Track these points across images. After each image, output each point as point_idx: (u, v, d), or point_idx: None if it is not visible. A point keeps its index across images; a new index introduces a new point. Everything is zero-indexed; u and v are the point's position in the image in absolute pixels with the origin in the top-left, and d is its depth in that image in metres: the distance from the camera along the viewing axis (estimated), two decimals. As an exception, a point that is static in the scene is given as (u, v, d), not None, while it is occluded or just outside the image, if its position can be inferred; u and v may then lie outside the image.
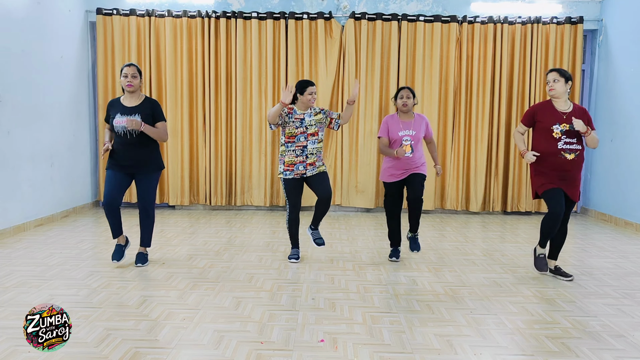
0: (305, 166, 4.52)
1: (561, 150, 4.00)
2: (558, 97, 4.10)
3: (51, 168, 6.37)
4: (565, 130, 3.99)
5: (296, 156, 4.53)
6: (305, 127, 4.51)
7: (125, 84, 4.22)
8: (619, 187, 6.76)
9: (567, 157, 3.99)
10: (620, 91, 6.78)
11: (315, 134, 4.55)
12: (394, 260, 4.70)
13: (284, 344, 2.91)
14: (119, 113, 4.22)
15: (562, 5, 7.27)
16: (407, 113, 4.60)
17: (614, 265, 4.72)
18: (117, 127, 4.21)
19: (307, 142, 4.52)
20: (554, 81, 4.08)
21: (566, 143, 4.00)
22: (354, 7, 7.30)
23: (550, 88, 4.10)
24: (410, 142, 4.47)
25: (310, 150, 4.52)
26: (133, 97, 4.30)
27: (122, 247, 4.48)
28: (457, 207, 7.41)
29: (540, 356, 2.80)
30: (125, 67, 4.23)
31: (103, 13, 7.17)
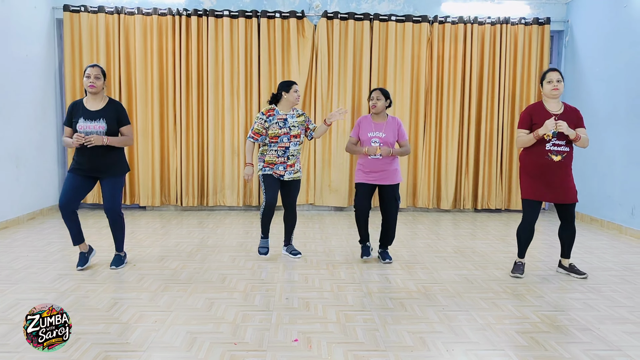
0: (286, 167, 4.55)
1: (548, 152, 4.00)
2: (556, 98, 4.09)
3: (17, 169, 6.20)
4: (558, 132, 3.95)
5: (277, 156, 4.54)
6: (289, 128, 4.51)
7: (88, 84, 4.09)
8: (585, 185, 6.93)
9: (554, 158, 4.00)
10: (586, 91, 6.95)
11: (297, 136, 4.56)
12: (365, 258, 4.68)
13: (258, 344, 2.90)
14: (82, 117, 4.09)
15: (530, 6, 7.42)
16: (379, 115, 4.54)
17: (580, 260, 4.84)
18: (82, 132, 4.08)
19: (290, 143, 4.53)
20: (557, 81, 4.03)
21: (554, 145, 3.99)
22: (326, 6, 7.32)
23: (555, 88, 4.03)
24: (379, 144, 4.41)
25: (292, 152, 4.55)
26: (96, 99, 4.18)
27: (85, 254, 4.38)
28: (429, 205, 7.49)
29: (510, 351, 2.85)
30: (89, 68, 4.10)
31: (70, 10, 7.02)
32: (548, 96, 4.10)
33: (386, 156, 4.42)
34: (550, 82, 4.06)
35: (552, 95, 4.06)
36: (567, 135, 3.96)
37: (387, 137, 4.44)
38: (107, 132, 4.13)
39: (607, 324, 3.26)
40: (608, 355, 2.82)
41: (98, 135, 4.03)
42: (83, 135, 4.00)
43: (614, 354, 2.84)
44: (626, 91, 6.11)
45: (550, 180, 4.05)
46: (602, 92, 6.59)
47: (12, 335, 2.96)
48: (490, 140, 7.43)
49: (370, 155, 4.41)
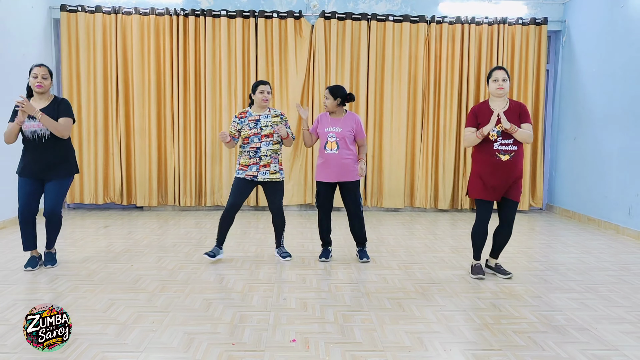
0: (259, 168, 4.49)
1: (496, 152, 3.95)
2: (501, 97, 4.03)
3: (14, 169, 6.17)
4: (502, 132, 3.92)
5: (250, 157, 4.51)
6: (260, 128, 4.49)
7: (35, 84, 4.08)
8: (582, 185, 6.95)
9: (502, 158, 3.94)
10: (583, 91, 6.97)
11: (269, 136, 4.51)
12: (324, 260, 4.65)
13: (256, 345, 2.89)
14: (28, 116, 4.07)
15: (527, 6, 7.43)
16: (334, 112, 4.56)
17: (578, 260, 4.85)
18: (27, 132, 4.08)
19: (261, 143, 4.49)
20: (503, 80, 3.98)
21: (502, 144, 3.94)
22: (324, 6, 7.31)
23: (499, 87, 3.98)
24: (335, 139, 4.46)
25: (264, 152, 4.49)
26: (42, 98, 4.17)
27: (37, 258, 4.35)
28: (426, 205, 7.50)
29: (508, 350, 2.86)
30: (36, 68, 4.09)
31: (67, 10, 7.00)
32: (494, 95, 4.05)
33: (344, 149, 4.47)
34: (495, 80, 4.00)
35: (498, 94, 4.01)
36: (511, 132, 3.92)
37: (343, 132, 4.48)
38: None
39: (604, 324, 3.26)
40: (605, 355, 2.82)
41: (29, 104, 3.93)
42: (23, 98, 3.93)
43: (611, 353, 2.84)
44: (623, 91, 6.13)
45: (499, 180, 3.99)
46: (599, 92, 6.61)
47: (10, 336, 2.95)
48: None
49: (326, 149, 4.47)
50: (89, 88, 7.12)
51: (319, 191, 4.62)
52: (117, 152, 7.22)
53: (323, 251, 4.75)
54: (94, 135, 7.17)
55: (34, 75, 4.09)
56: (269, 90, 4.52)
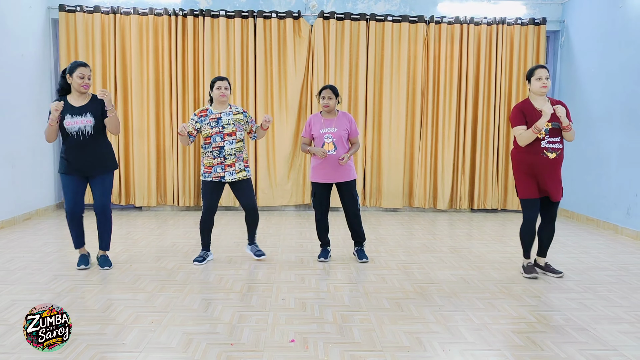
0: (224, 168, 4.40)
1: (544, 149, 3.98)
2: (544, 95, 4.04)
3: (12, 169, 6.18)
4: (550, 129, 3.95)
5: (214, 158, 4.40)
6: (222, 127, 4.38)
7: (82, 85, 4.09)
8: (581, 185, 6.96)
9: (549, 156, 3.99)
10: (582, 91, 6.97)
11: (232, 134, 4.40)
12: (322, 260, 4.66)
13: (255, 345, 2.89)
14: (68, 114, 4.09)
15: (526, 6, 7.44)
16: (329, 112, 4.59)
17: (576, 260, 4.85)
18: (69, 129, 4.09)
19: (224, 142, 4.38)
20: (547, 78, 3.99)
21: (549, 142, 3.98)
22: (323, 6, 7.32)
23: (544, 85, 3.99)
24: (332, 139, 4.47)
25: (228, 151, 4.39)
26: (82, 96, 4.19)
27: (87, 256, 4.42)
28: (425, 205, 7.50)
29: (506, 351, 2.86)
30: (81, 67, 4.08)
31: (66, 10, 6.99)
32: (536, 93, 4.05)
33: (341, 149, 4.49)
34: (539, 79, 4.01)
35: (541, 92, 4.02)
36: (560, 131, 3.98)
37: (339, 132, 4.49)
38: (94, 126, 4.13)
39: (603, 324, 3.27)
40: (604, 355, 2.82)
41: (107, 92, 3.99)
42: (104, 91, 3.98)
43: (609, 353, 2.85)
44: (622, 91, 6.13)
45: (544, 178, 4.04)
46: (598, 92, 6.61)
47: (8, 336, 2.95)
48: (487, 140, 7.45)
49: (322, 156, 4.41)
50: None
51: (315, 192, 4.61)
52: (115, 152, 7.18)
53: (322, 251, 4.76)
54: (92, 135, 7.15)
55: (80, 75, 4.07)
56: (226, 85, 4.42)
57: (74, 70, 4.09)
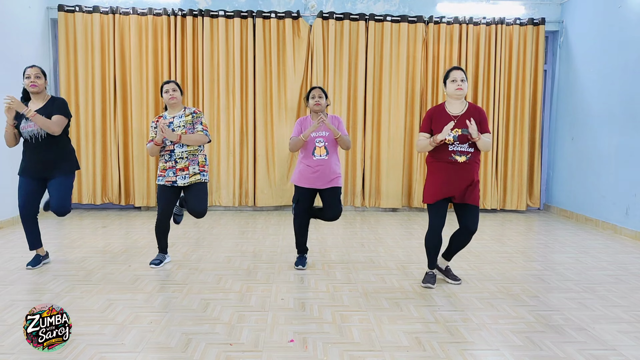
0: (175, 172, 4.24)
1: (451, 153, 3.73)
2: (460, 98, 3.83)
3: (11, 169, 6.16)
4: (459, 135, 3.71)
5: (165, 161, 4.28)
6: (172, 130, 4.22)
7: (29, 84, 4.09)
8: (579, 185, 6.96)
9: (458, 159, 3.73)
10: (581, 91, 6.98)
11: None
12: (300, 268, 4.41)
13: (254, 345, 2.89)
14: (24, 118, 4.08)
15: (525, 7, 7.44)
16: (319, 114, 4.32)
17: (575, 260, 4.86)
18: (24, 133, 4.09)
19: (174, 146, 4.23)
20: (461, 80, 3.77)
21: (458, 146, 3.73)
22: (322, 6, 7.32)
23: (458, 87, 3.77)
24: (324, 143, 4.28)
25: (179, 155, 4.23)
26: (38, 98, 4.18)
27: (40, 257, 4.41)
28: (424, 205, 7.50)
29: (505, 350, 2.86)
30: (28, 69, 4.11)
31: (65, 10, 6.99)
32: (451, 96, 3.83)
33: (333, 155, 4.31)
34: (454, 81, 3.79)
35: (456, 95, 3.79)
36: (469, 138, 3.71)
37: (330, 135, 4.29)
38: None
39: (602, 324, 3.27)
40: (603, 355, 2.83)
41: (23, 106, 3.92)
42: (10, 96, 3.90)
43: (608, 353, 2.85)
44: (620, 91, 6.14)
45: (455, 181, 3.76)
46: (597, 92, 6.62)
47: (8, 337, 2.95)
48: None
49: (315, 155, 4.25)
50: (86, 88, 7.11)
51: (299, 198, 4.36)
52: (114, 152, 7.21)
53: (299, 258, 4.50)
54: (91, 135, 7.16)
55: (26, 75, 4.11)
56: (174, 87, 4.26)
57: (24, 72, 4.12)
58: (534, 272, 4.41)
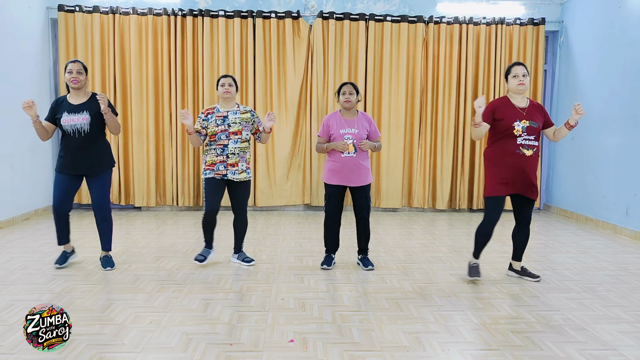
0: (226, 166, 4.29)
1: (520, 146, 3.84)
2: (522, 93, 3.93)
3: (11, 170, 6.18)
4: (527, 127, 3.84)
5: (216, 155, 4.30)
6: (228, 125, 4.27)
7: (71, 79, 4.10)
8: (580, 185, 6.96)
9: (526, 153, 3.84)
10: (581, 91, 6.98)
11: (238, 133, 4.30)
12: (325, 268, 4.40)
13: (254, 345, 2.89)
14: (65, 112, 4.10)
15: (525, 6, 7.44)
16: (349, 110, 4.33)
17: (575, 260, 4.86)
18: (66, 126, 4.09)
19: (229, 140, 4.28)
20: (523, 76, 3.87)
21: (525, 139, 3.84)
22: (322, 6, 7.32)
23: (521, 82, 3.87)
24: (353, 140, 4.21)
25: (232, 150, 4.28)
26: (79, 94, 4.19)
27: (67, 254, 4.42)
28: (424, 205, 7.50)
29: (505, 350, 2.86)
30: (70, 64, 4.12)
31: (65, 10, 6.99)
32: (514, 91, 3.93)
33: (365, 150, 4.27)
34: (515, 76, 3.88)
35: (518, 90, 3.89)
36: (538, 130, 3.86)
37: (360, 133, 4.25)
38: (90, 123, 4.12)
39: (602, 324, 3.27)
40: (603, 355, 2.83)
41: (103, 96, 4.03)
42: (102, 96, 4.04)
43: (608, 353, 2.85)
44: (620, 91, 6.14)
45: (518, 175, 3.87)
46: (597, 92, 6.62)
47: (8, 337, 2.95)
48: (486, 141, 7.44)
49: (343, 152, 4.21)
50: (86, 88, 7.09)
51: (329, 195, 4.35)
52: (114, 152, 7.19)
53: (326, 258, 4.49)
54: (91, 135, 7.15)
55: (68, 71, 4.10)
56: (230, 82, 4.32)
57: (66, 67, 4.14)
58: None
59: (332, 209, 4.40)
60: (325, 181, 4.38)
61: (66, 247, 4.41)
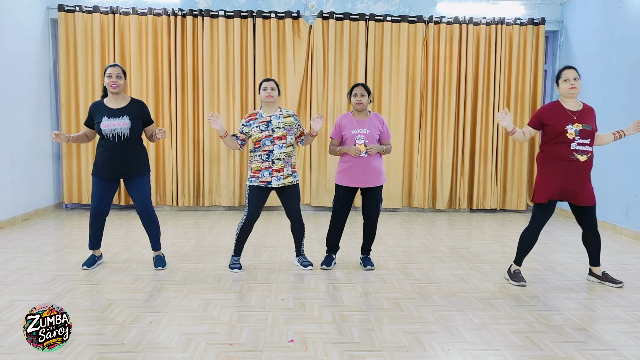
0: (272, 172, 4.19)
1: (574, 152, 3.77)
2: (574, 97, 3.88)
3: (11, 169, 6.18)
4: (580, 130, 3.76)
5: (262, 161, 4.21)
6: (272, 130, 4.20)
7: (110, 84, 4.08)
8: (579, 184, 6.95)
9: (580, 158, 3.78)
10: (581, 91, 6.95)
11: (282, 137, 4.21)
12: (325, 268, 4.41)
13: (254, 345, 2.89)
14: (105, 116, 4.09)
15: (525, 6, 7.44)
16: (361, 112, 4.34)
17: (576, 260, 4.86)
18: (106, 131, 4.07)
19: (274, 146, 4.19)
20: (574, 79, 3.82)
21: (579, 144, 3.77)
22: (322, 6, 7.32)
23: (572, 86, 3.81)
24: (365, 141, 4.21)
25: (277, 155, 4.19)
26: (118, 98, 4.17)
27: (96, 258, 4.43)
28: (424, 205, 7.50)
29: (505, 350, 2.86)
30: (110, 68, 4.11)
31: (65, 10, 6.99)
32: (565, 95, 3.89)
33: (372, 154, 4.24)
34: (567, 80, 3.84)
35: (570, 94, 3.85)
36: (592, 133, 3.81)
37: (372, 134, 4.26)
38: (130, 129, 4.12)
39: (602, 324, 3.27)
40: (603, 355, 2.83)
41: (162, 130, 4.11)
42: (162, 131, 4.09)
43: (608, 353, 2.85)
44: (620, 91, 6.14)
45: (573, 182, 3.83)
46: (597, 92, 6.61)
47: (7, 337, 2.95)
48: (486, 141, 7.45)
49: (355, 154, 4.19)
50: (86, 88, 7.11)
51: (339, 196, 4.35)
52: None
53: (327, 258, 4.50)
54: (91, 135, 7.15)
55: (108, 75, 4.09)
56: (272, 86, 4.27)
57: (105, 71, 4.14)
58: (534, 272, 4.41)
59: (340, 211, 4.40)
60: (336, 182, 4.38)
61: (95, 251, 4.43)
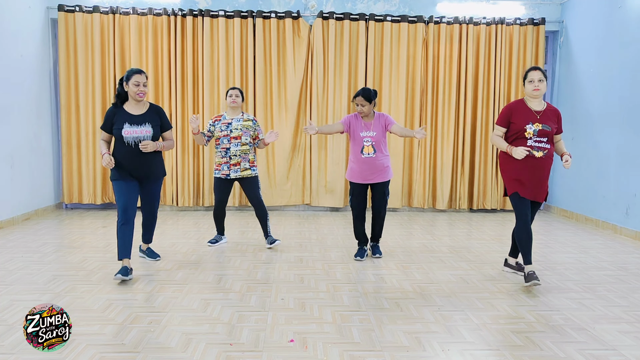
0: (229, 166, 4.98)
1: (530, 148, 3.86)
2: (537, 98, 3.96)
3: (11, 169, 6.18)
4: (538, 130, 3.86)
5: (221, 157, 5.02)
6: (230, 131, 4.96)
7: (138, 93, 4.01)
8: (580, 185, 6.96)
9: (535, 154, 3.86)
10: (581, 91, 6.98)
11: (238, 137, 4.97)
12: (359, 259, 4.73)
13: (254, 345, 2.89)
14: (126, 122, 4.03)
15: (525, 6, 7.44)
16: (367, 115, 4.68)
17: (576, 260, 4.86)
18: (129, 138, 4.03)
19: (230, 144, 4.97)
20: (539, 81, 3.90)
21: (536, 141, 3.87)
22: (322, 6, 7.32)
23: (536, 88, 3.90)
24: (371, 142, 4.60)
25: (234, 152, 4.96)
26: (139, 104, 4.15)
27: (129, 269, 4.05)
28: (424, 205, 7.50)
29: (505, 350, 2.86)
30: (136, 75, 3.99)
31: (65, 10, 6.99)
32: (530, 96, 3.98)
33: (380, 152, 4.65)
34: (531, 81, 3.93)
35: (534, 95, 3.94)
36: (549, 133, 3.89)
37: (378, 135, 4.64)
38: (153, 136, 4.12)
39: (602, 324, 3.27)
40: (603, 355, 2.83)
41: (150, 142, 4.05)
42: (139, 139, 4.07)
43: (608, 353, 2.85)
44: (620, 91, 6.14)
45: (530, 177, 3.91)
46: (597, 92, 6.62)
47: (7, 337, 2.95)
48: (486, 140, 7.45)
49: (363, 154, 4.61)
50: (86, 88, 7.11)
51: (353, 191, 4.76)
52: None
53: (359, 250, 4.83)
54: (92, 135, 7.15)
55: (135, 83, 3.99)
56: (237, 94, 5.03)
57: (130, 77, 4.01)
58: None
59: (355, 204, 4.79)
60: (348, 179, 4.83)
61: (125, 262, 4.07)
